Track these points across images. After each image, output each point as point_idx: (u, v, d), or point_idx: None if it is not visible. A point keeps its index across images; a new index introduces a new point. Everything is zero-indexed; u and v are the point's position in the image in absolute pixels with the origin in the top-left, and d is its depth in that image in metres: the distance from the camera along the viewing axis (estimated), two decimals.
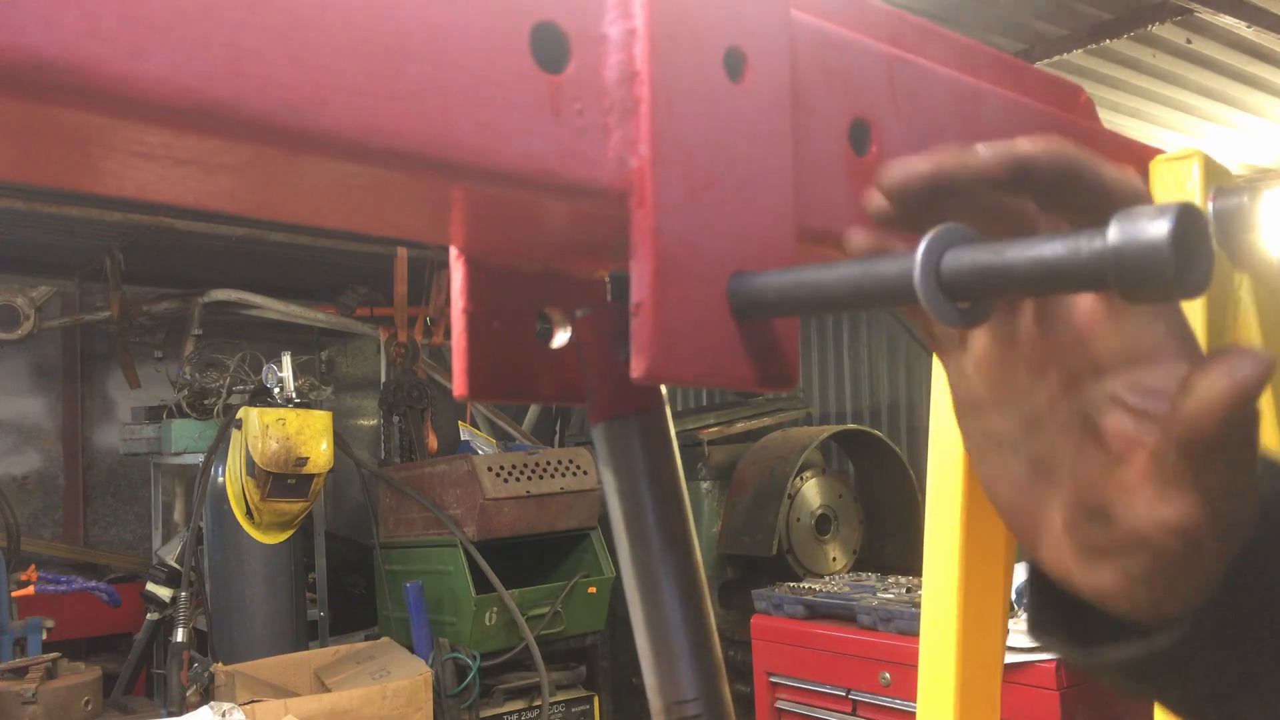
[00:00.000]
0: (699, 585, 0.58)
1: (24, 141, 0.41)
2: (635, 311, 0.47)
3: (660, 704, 0.56)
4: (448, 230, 0.53)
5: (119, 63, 0.37)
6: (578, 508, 5.17)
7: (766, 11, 0.53)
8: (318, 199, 0.47)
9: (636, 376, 0.47)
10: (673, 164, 0.48)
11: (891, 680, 3.80)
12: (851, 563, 5.36)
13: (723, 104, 0.51)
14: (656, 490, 0.57)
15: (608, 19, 0.48)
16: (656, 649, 0.56)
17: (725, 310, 0.50)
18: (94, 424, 6.83)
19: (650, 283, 0.47)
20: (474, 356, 0.57)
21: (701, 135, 0.50)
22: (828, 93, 0.57)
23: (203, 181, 0.45)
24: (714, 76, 0.50)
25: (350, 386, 7.68)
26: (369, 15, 0.41)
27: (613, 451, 0.58)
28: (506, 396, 0.59)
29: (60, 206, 5.11)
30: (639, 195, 0.47)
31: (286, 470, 4.62)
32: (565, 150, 0.46)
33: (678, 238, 0.48)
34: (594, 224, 0.51)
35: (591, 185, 0.47)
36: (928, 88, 0.60)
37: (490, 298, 0.58)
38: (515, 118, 0.44)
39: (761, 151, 0.52)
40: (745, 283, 0.50)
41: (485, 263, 0.58)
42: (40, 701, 4.09)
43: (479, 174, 0.43)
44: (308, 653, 4.83)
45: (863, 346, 6.44)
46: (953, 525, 1.00)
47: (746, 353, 0.51)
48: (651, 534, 0.57)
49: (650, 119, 0.48)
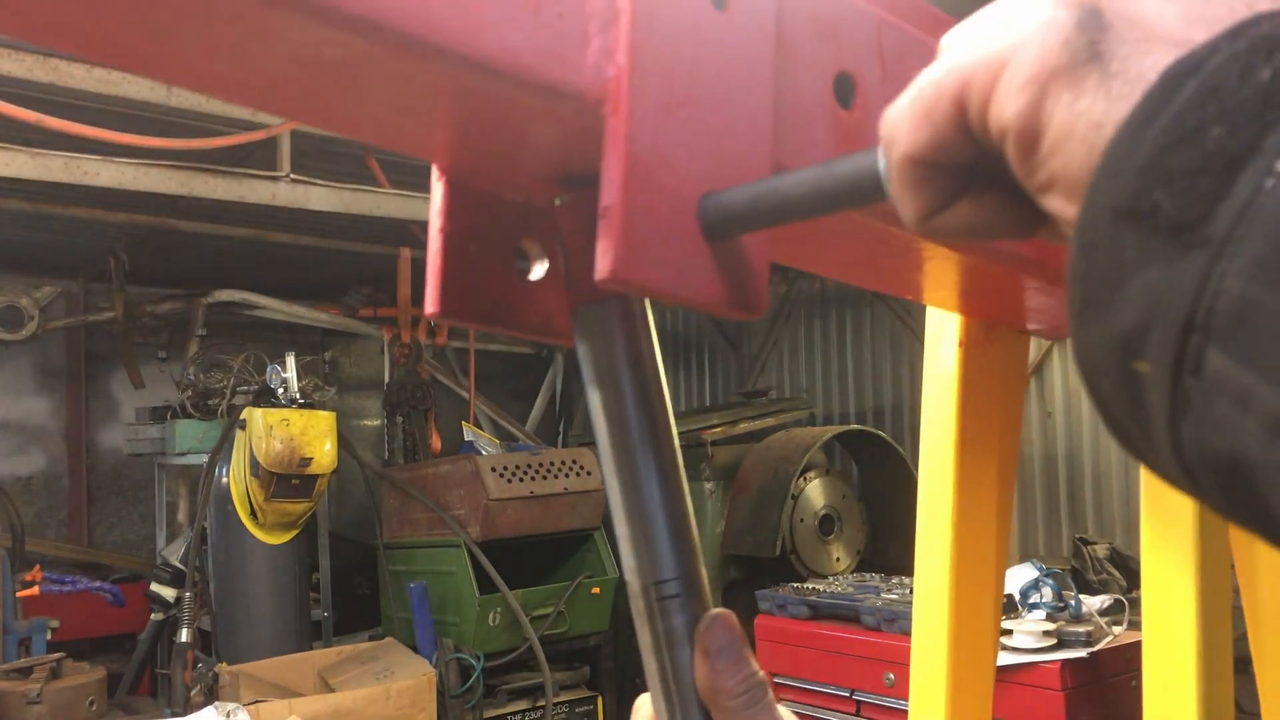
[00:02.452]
0: (677, 469, 0.57)
1: None
2: (603, 214, 0.48)
3: (639, 585, 0.56)
4: (423, 136, 0.53)
5: None
6: (581, 508, 5.17)
7: None
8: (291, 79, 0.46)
9: (600, 278, 0.47)
10: (650, 77, 0.48)
11: (895, 681, 3.80)
12: (855, 563, 5.35)
13: (705, 27, 0.51)
14: (636, 374, 0.57)
15: None
16: (635, 532, 0.56)
17: (694, 227, 0.50)
18: (98, 424, 6.85)
19: (619, 187, 0.47)
20: (448, 276, 0.57)
21: (681, 54, 0.50)
22: (814, 41, 0.57)
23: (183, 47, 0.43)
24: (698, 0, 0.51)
25: (354, 387, 7.69)
26: None
27: (591, 335, 0.58)
28: (480, 320, 0.58)
29: (65, 207, 5.12)
30: (614, 103, 0.48)
31: (290, 471, 4.63)
32: (543, 48, 0.46)
33: (650, 147, 0.48)
34: (573, 145, 0.51)
35: (567, 88, 0.47)
36: (916, 55, 0.60)
37: (469, 221, 0.58)
38: (494, 7, 0.44)
39: (741, 81, 0.53)
40: (714, 200, 0.51)
41: (465, 185, 0.58)
42: (45, 701, 4.09)
43: (454, 59, 0.43)
44: (312, 653, 4.84)
45: (866, 347, 6.44)
46: (944, 525, 1.00)
47: (716, 272, 0.51)
48: (630, 417, 0.56)
49: (630, 31, 0.48)
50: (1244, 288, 0.30)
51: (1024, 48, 0.36)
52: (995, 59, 0.37)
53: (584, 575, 5.14)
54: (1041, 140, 0.36)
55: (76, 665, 4.52)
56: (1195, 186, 0.32)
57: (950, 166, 0.40)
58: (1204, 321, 0.31)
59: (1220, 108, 0.31)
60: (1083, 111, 0.35)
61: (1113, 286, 0.34)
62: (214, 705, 3.79)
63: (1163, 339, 0.32)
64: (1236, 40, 0.32)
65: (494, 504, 4.86)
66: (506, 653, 4.87)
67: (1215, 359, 0.31)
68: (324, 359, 7.57)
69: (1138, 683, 1.00)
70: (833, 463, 5.87)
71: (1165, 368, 0.32)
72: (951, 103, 0.39)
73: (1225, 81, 0.32)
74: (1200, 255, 0.31)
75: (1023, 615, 3.58)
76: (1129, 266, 0.33)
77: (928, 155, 0.40)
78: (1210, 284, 0.31)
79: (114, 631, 5.94)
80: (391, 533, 5.49)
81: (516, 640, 4.87)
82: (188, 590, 4.80)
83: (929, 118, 0.39)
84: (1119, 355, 0.34)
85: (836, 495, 5.37)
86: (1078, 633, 3.44)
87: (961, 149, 0.40)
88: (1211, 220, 0.31)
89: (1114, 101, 0.34)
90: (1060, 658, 3.36)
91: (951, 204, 0.42)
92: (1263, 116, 0.31)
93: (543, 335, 0.61)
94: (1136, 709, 1.00)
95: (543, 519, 5.07)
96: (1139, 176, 0.33)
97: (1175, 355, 0.32)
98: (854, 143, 0.59)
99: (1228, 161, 0.31)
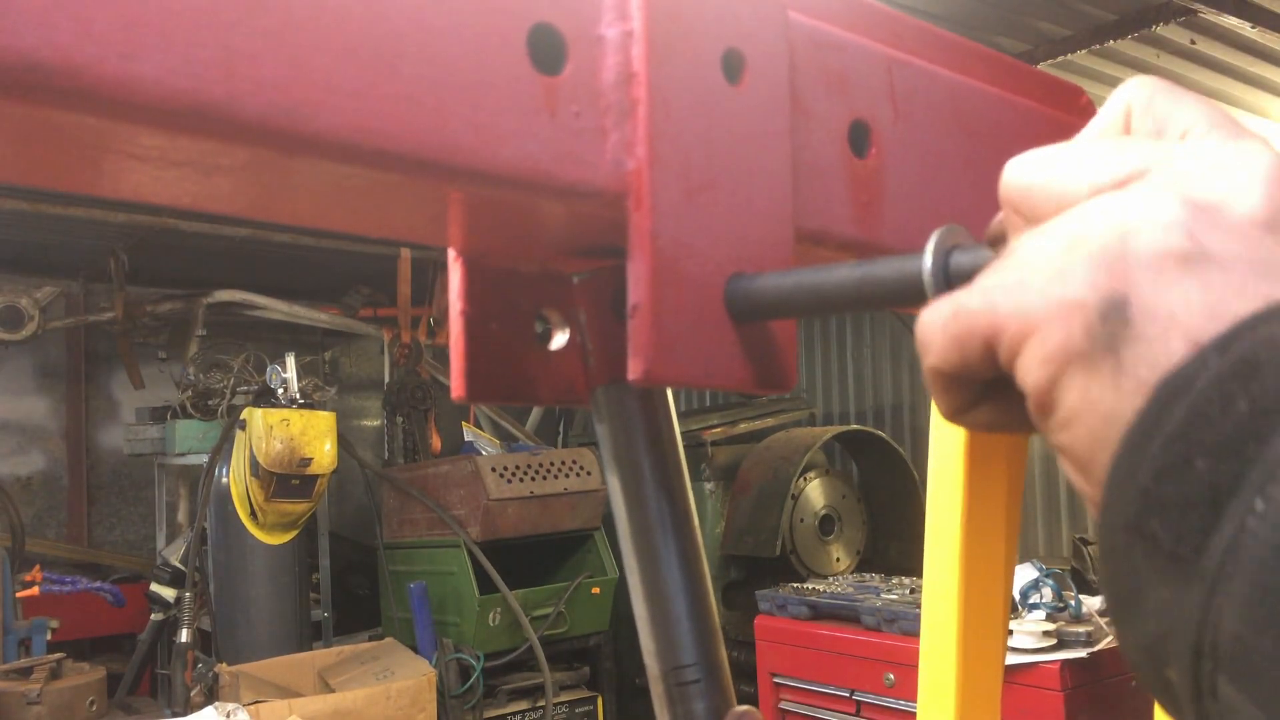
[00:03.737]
0: (697, 551, 0.57)
1: (20, 144, 0.41)
2: (632, 313, 0.47)
3: (659, 669, 0.56)
4: (445, 232, 0.53)
5: (112, 64, 0.37)
6: (581, 508, 5.17)
7: (765, 13, 0.52)
8: (314, 201, 0.47)
9: (634, 378, 0.47)
10: (670, 165, 0.48)
11: (895, 681, 3.80)
12: (855, 563, 5.35)
13: (721, 106, 0.51)
14: (655, 456, 0.57)
15: (605, 21, 0.48)
16: (654, 614, 0.56)
17: (722, 312, 0.50)
18: (98, 424, 6.84)
19: (647, 284, 0.47)
20: (472, 358, 0.56)
21: (699, 137, 0.49)
22: (826, 95, 0.57)
23: (199, 183, 0.45)
24: (712, 78, 0.50)
25: (354, 387, 7.69)
26: (364, 17, 0.41)
27: (610, 417, 0.57)
28: (505, 398, 0.58)
29: (65, 207, 5.12)
30: (636, 197, 0.47)
31: (290, 471, 4.62)
32: (562, 152, 0.45)
33: (675, 239, 0.48)
34: (592, 225, 0.51)
35: (588, 187, 0.46)
36: (927, 90, 0.60)
37: (488, 299, 0.58)
38: (512, 120, 0.44)
39: (760, 153, 0.52)
40: (743, 285, 0.50)
41: (483, 264, 0.57)
42: (45, 702, 4.09)
43: (475, 176, 0.43)
44: (312, 653, 4.83)
45: (866, 347, 6.44)
46: (953, 525, 1.00)
47: (744, 354, 0.51)
48: (650, 499, 0.56)
49: (647, 120, 0.47)
50: (1238, 629, 0.31)
51: (1050, 324, 0.37)
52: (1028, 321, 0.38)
53: (584, 575, 5.14)
54: (1055, 412, 0.38)
55: (76, 665, 4.52)
56: (1186, 519, 0.32)
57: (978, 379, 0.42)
58: (1211, 651, 0.32)
59: (1205, 437, 0.32)
60: (1094, 401, 0.36)
61: (1134, 597, 0.35)
62: (214, 705, 3.79)
63: (1179, 659, 0.33)
64: (1224, 354, 0.33)
65: (494, 504, 4.85)
66: (506, 653, 4.87)
67: (1225, 688, 0.31)
68: (324, 359, 7.57)
69: (1138, 683, 1.00)
70: (833, 463, 5.87)
71: (1187, 686, 0.33)
72: (982, 342, 0.40)
73: (1209, 409, 0.32)
74: (1199, 587, 0.32)
75: (1023, 615, 3.58)
76: (1144, 582, 0.34)
77: (955, 373, 0.42)
78: (1210, 617, 0.31)
79: (114, 631, 5.94)
80: (391, 533, 5.49)
81: (516, 640, 4.87)
82: (188, 590, 4.80)
83: (959, 346, 0.41)
84: (1150, 660, 0.35)
85: (836, 495, 5.36)
86: (1078, 633, 3.44)
87: (985, 372, 0.41)
88: (1204, 554, 0.32)
89: (1122, 398, 0.35)
90: (1060, 658, 3.36)
91: (978, 405, 0.43)
92: (1242, 453, 0.31)
93: (565, 402, 0.61)
94: (1136, 709, 1.00)
95: (543, 519, 5.07)
96: (1139, 500, 0.34)
97: (1192, 677, 0.32)
98: (871, 190, 0.58)
99: (1214, 496, 0.32)
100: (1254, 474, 0.31)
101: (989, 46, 0.69)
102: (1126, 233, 0.36)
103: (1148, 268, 0.36)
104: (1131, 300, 0.36)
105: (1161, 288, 0.35)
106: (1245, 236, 0.36)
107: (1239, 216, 0.36)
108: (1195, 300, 0.35)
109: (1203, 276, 0.35)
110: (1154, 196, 0.37)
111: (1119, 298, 0.36)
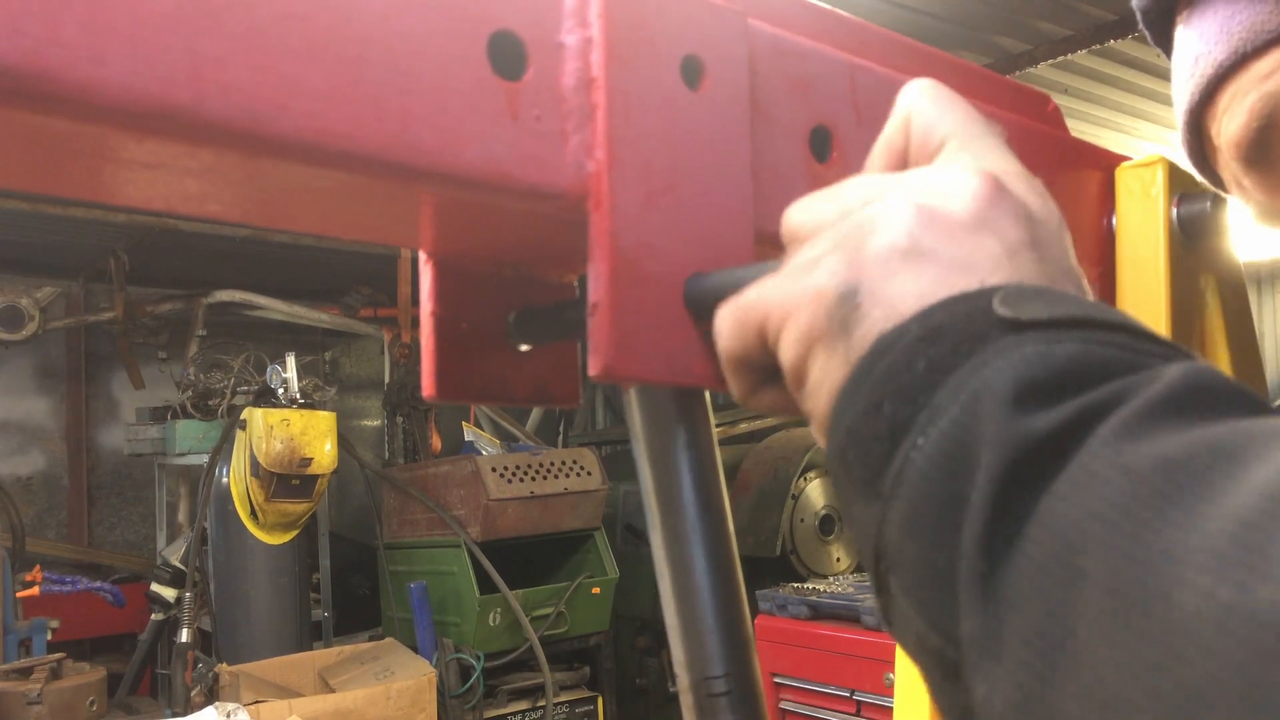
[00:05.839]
0: (732, 557, 0.56)
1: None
2: (592, 312, 0.48)
3: (688, 680, 0.55)
4: (414, 233, 0.54)
5: (80, 69, 0.38)
6: (582, 508, 5.18)
7: (724, 21, 0.53)
8: (285, 203, 0.48)
9: (593, 375, 0.48)
10: (630, 168, 0.49)
11: (895, 681, 3.79)
12: (855, 563, 5.35)
13: (680, 110, 0.52)
14: (693, 455, 0.55)
15: (565, 27, 0.49)
16: (685, 624, 0.55)
17: (683, 310, 0.51)
18: (98, 424, 6.86)
19: (606, 284, 0.48)
20: (442, 358, 0.57)
21: (659, 140, 0.51)
22: (788, 100, 0.58)
23: (170, 185, 0.46)
24: (671, 84, 0.51)
25: (354, 387, 7.70)
26: (328, 22, 0.42)
27: (647, 415, 0.56)
28: (476, 398, 0.59)
29: (65, 208, 5.13)
30: (596, 198, 0.48)
31: (291, 471, 4.63)
32: (523, 155, 0.46)
33: (635, 239, 0.49)
34: (556, 228, 0.52)
35: (550, 189, 0.47)
36: (890, 96, 0.61)
37: (459, 300, 0.58)
38: (474, 123, 0.45)
39: (720, 157, 0.53)
40: (699, 283, 0.51)
41: (454, 266, 0.58)
42: (45, 702, 4.10)
43: (438, 178, 0.44)
44: (312, 653, 4.84)
45: None
46: None
47: (705, 350, 0.52)
48: (685, 502, 0.55)
49: (607, 124, 0.48)
50: (896, 537, 0.39)
51: (800, 310, 0.45)
52: (785, 308, 0.46)
53: (584, 576, 5.14)
54: (804, 384, 0.46)
55: (77, 665, 4.53)
56: (872, 451, 0.40)
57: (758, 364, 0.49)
58: (883, 554, 0.40)
59: (894, 386, 0.40)
60: (829, 372, 0.44)
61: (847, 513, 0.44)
62: (214, 705, 3.80)
63: (868, 560, 0.41)
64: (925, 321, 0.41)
65: (494, 504, 4.86)
66: (507, 653, 4.87)
67: (894, 585, 0.40)
68: (324, 359, 7.58)
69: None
70: None
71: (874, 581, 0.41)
72: (755, 330, 0.48)
73: (899, 364, 0.40)
74: (877, 505, 0.40)
75: None
76: (848, 500, 0.43)
77: (740, 358, 0.49)
78: (883, 528, 0.39)
79: (114, 632, 5.95)
80: (392, 533, 5.49)
81: (517, 640, 4.88)
82: (188, 590, 4.80)
83: (740, 333, 0.48)
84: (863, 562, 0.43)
85: (837, 496, 5.36)
86: None
87: (763, 357, 0.49)
88: (882, 478, 0.40)
89: (848, 367, 0.43)
90: None
91: (762, 388, 0.51)
92: (916, 400, 0.39)
93: (538, 403, 0.62)
94: None
95: (543, 519, 5.07)
96: (845, 436, 0.42)
97: (875, 574, 0.41)
98: None
99: (893, 432, 0.40)
100: (922, 416, 0.39)
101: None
102: (865, 235, 0.45)
103: (876, 262, 0.44)
104: (862, 288, 0.44)
105: (885, 278, 0.43)
106: (954, 237, 0.43)
107: (952, 221, 0.44)
108: (910, 288, 0.43)
109: (917, 269, 0.43)
110: (890, 205, 0.45)
111: (853, 286, 0.44)
